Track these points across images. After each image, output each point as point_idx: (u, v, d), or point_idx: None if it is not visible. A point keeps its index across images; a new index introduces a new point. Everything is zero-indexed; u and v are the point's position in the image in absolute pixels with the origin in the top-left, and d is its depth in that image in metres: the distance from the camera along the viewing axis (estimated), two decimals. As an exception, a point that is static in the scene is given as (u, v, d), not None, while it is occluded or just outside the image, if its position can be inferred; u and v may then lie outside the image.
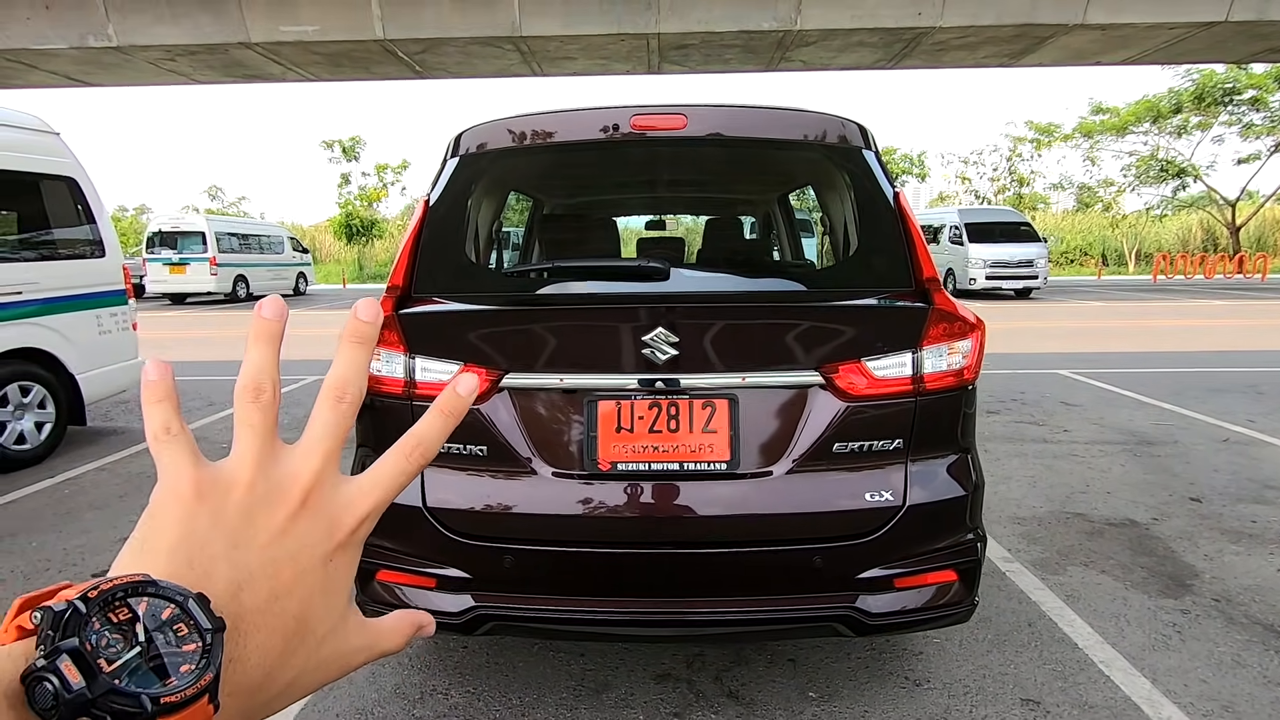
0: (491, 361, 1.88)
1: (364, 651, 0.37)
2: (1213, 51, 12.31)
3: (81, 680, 0.25)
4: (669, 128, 2.04)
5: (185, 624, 0.28)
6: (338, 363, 0.36)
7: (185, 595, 0.28)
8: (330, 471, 0.35)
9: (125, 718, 0.25)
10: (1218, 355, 8.47)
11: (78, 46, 10.99)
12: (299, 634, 0.33)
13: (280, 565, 0.32)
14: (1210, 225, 29.58)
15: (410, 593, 1.93)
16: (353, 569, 0.36)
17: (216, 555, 0.31)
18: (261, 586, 0.32)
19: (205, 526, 0.31)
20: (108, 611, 0.27)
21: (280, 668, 0.32)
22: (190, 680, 0.27)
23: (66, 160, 4.93)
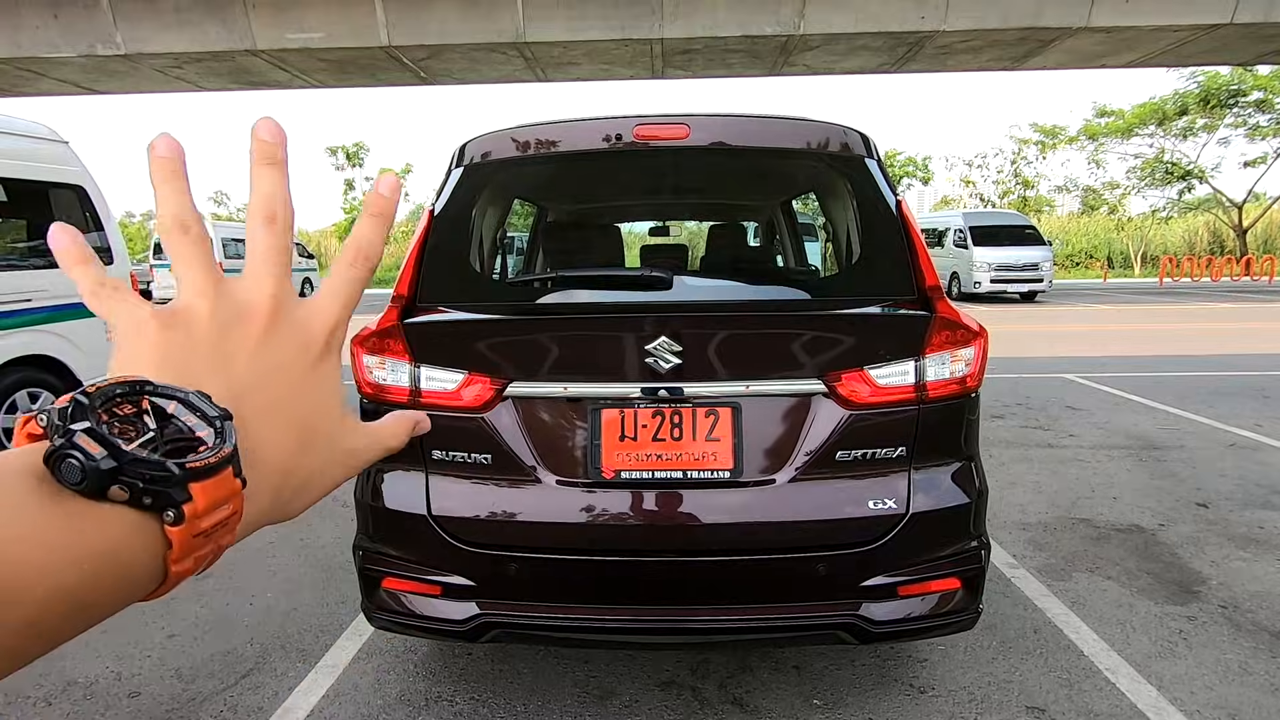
0: (496, 370, 1.89)
1: (371, 449, 0.39)
2: (1218, 53, 12.28)
3: (102, 450, 0.26)
4: (672, 137, 2.05)
5: (193, 414, 0.29)
6: (256, 186, 0.35)
7: (186, 391, 0.29)
8: (286, 292, 0.35)
9: (154, 483, 0.26)
10: (1224, 359, 8.43)
11: (86, 55, 11.09)
12: (304, 435, 0.35)
13: (269, 377, 0.34)
14: (1217, 228, 29.44)
15: (415, 600, 1.94)
16: (338, 374, 0.37)
17: (205, 370, 0.32)
18: (257, 397, 0.33)
19: (182, 349, 0.32)
20: (111, 405, 0.28)
21: (295, 462, 0.34)
22: (211, 452, 0.28)
23: (75, 169, 4.98)
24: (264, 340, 0.34)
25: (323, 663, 2.45)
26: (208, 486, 0.28)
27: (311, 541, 3.46)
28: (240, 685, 2.34)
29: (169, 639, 2.62)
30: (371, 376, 1.94)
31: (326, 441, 0.36)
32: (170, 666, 2.44)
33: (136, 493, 0.26)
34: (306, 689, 2.31)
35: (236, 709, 2.22)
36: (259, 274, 0.35)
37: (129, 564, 0.27)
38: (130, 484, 0.26)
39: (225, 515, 0.29)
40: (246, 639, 2.61)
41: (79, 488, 0.25)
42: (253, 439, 0.32)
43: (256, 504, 0.32)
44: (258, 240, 0.35)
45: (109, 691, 2.31)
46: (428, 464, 1.93)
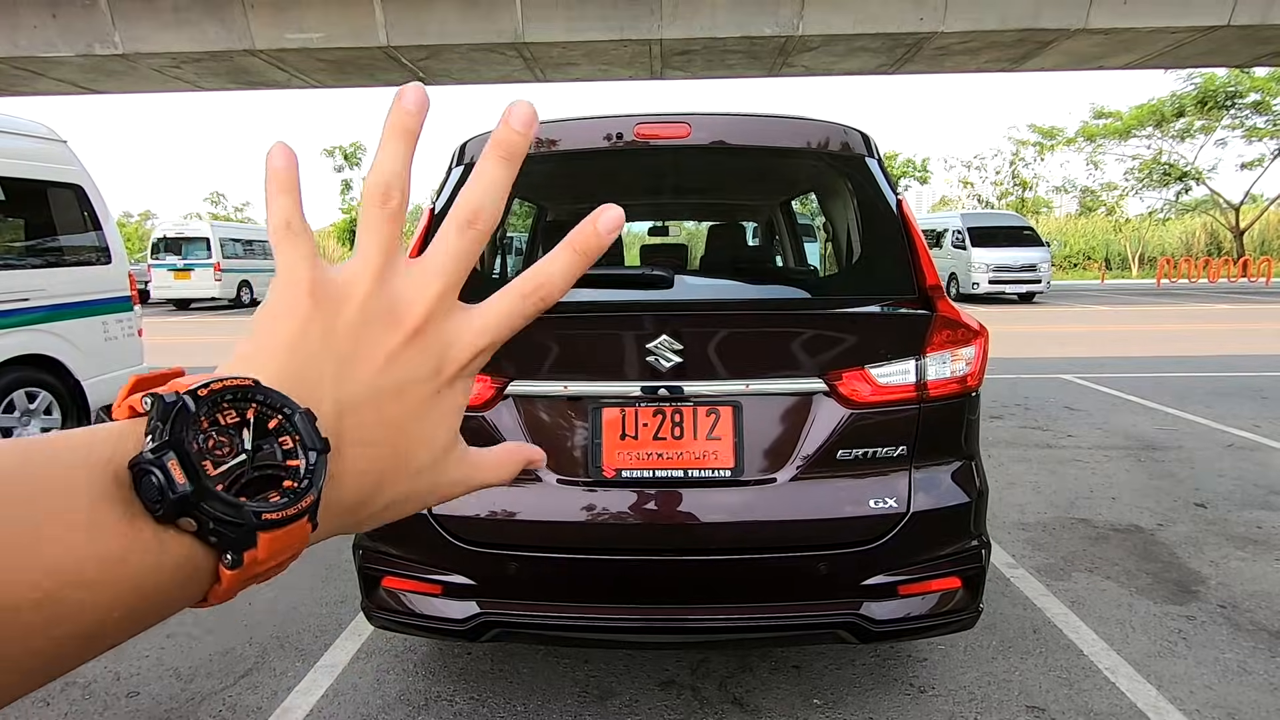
0: (496, 369, 1.89)
1: (463, 484, 0.35)
2: (1216, 55, 12.32)
3: (186, 482, 0.24)
4: (672, 136, 2.05)
5: (291, 438, 0.27)
6: (472, 182, 0.32)
7: (294, 409, 0.28)
8: (448, 300, 0.32)
9: (227, 525, 0.25)
10: (1222, 360, 8.45)
11: (84, 54, 11.07)
12: (397, 465, 0.32)
13: (385, 397, 0.31)
14: (1214, 229, 29.53)
15: (415, 599, 1.94)
16: (461, 403, 0.34)
17: (325, 373, 0.30)
18: (365, 415, 0.30)
19: (317, 340, 0.30)
20: (216, 412, 0.26)
21: (375, 494, 0.32)
22: (292, 499, 0.27)
23: (73, 168, 4.97)
24: (401, 350, 0.31)
25: (322, 662, 2.45)
26: (277, 537, 0.26)
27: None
28: (239, 685, 2.33)
29: (167, 638, 2.61)
30: None
31: (423, 471, 0.33)
32: (169, 666, 2.44)
33: (204, 529, 0.25)
34: (306, 688, 2.30)
35: (235, 709, 2.21)
36: (433, 272, 0.32)
37: (173, 589, 0.26)
38: (201, 520, 0.25)
39: (285, 560, 0.28)
40: (245, 638, 2.60)
41: (152, 509, 0.24)
42: (340, 468, 0.29)
43: (319, 531, 0.30)
44: (449, 240, 0.32)
45: (107, 691, 2.30)
46: None
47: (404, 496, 0.33)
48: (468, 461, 0.35)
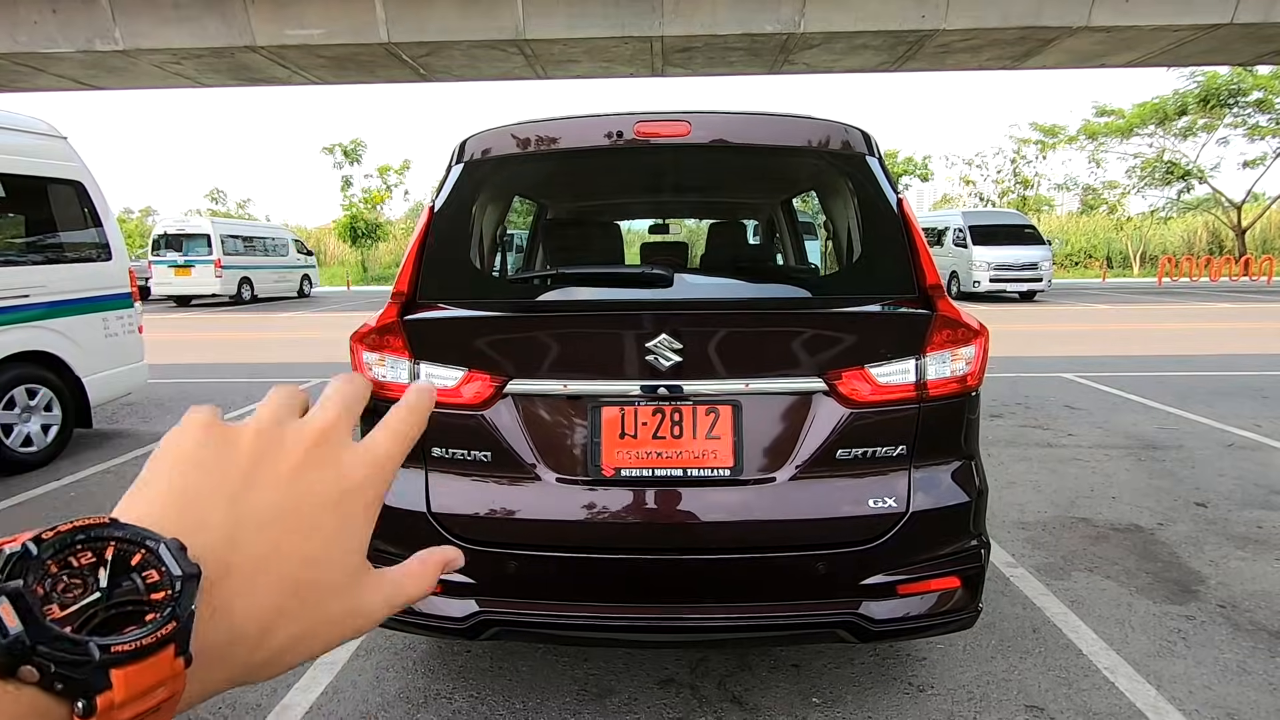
0: (496, 367, 1.88)
1: (384, 605, 0.34)
2: (1218, 54, 12.28)
3: (18, 625, 0.23)
4: (673, 135, 2.04)
5: (157, 570, 0.26)
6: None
7: (157, 540, 0.27)
8: (341, 427, 0.34)
9: (71, 666, 0.23)
10: (1223, 359, 8.44)
11: (84, 50, 11.06)
12: (299, 590, 0.31)
13: (285, 514, 0.31)
14: (1216, 228, 29.47)
15: (414, 597, 1.94)
16: (368, 524, 0.34)
17: (216, 502, 0.30)
18: (259, 538, 0.30)
19: (207, 471, 0.30)
20: (68, 555, 0.25)
21: (278, 623, 0.30)
22: (151, 629, 0.25)
23: (74, 164, 4.97)
24: (297, 469, 0.32)
25: (321, 659, 2.45)
26: (132, 674, 0.24)
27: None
28: (239, 682, 2.33)
29: (167, 636, 2.61)
30: (371, 373, 1.93)
31: (330, 597, 0.32)
32: (168, 663, 2.44)
33: (48, 676, 0.23)
34: (305, 685, 2.31)
35: (235, 706, 2.21)
36: (322, 408, 0.34)
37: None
38: (43, 665, 0.23)
39: (155, 702, 0.25)
40: (245, 636, 2.61)
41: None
42: (227, 596, 0.28)
43: (210, 674, 0.28)
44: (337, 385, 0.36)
45: (107, 688, 2.31)
46: (427, 461, 1.92)
47: (320, 623, 0.32)
48: (387, 581, 0.35)
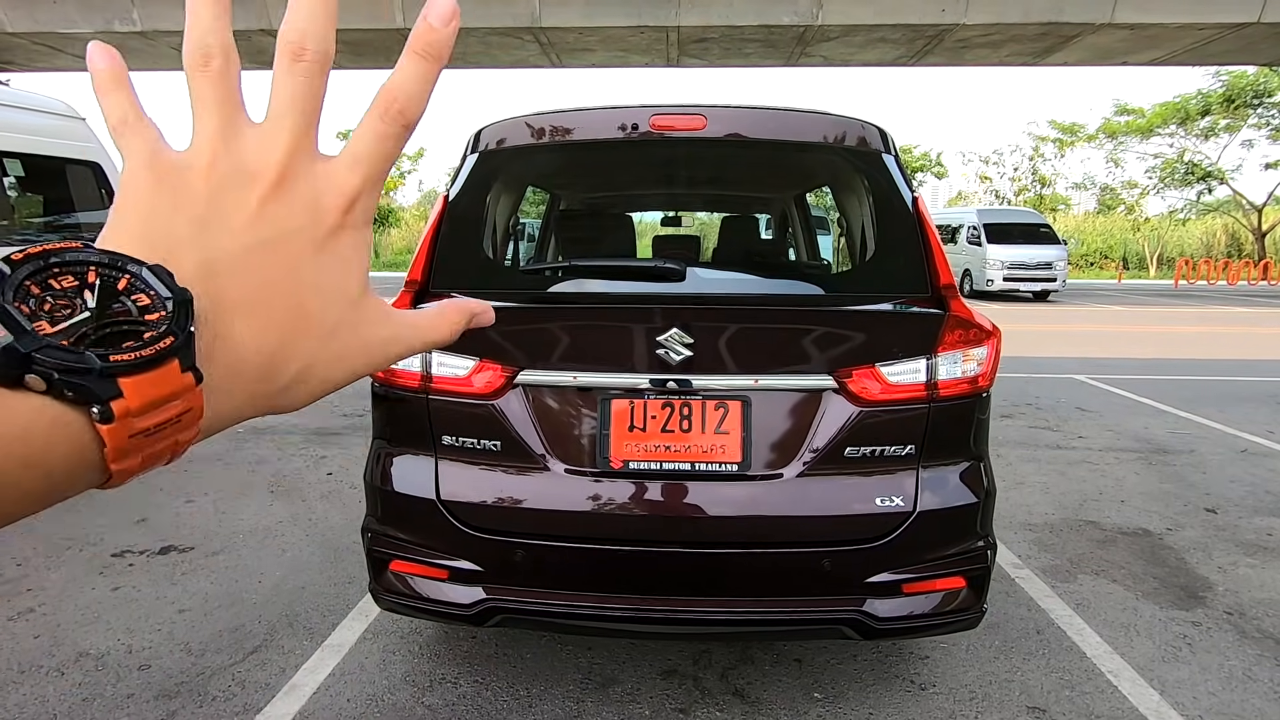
0: (507, 357, 1.89)
1: (398, 342, 0.34)
2: (1244, 53, 12.08)
3: (6, 334, 0.23)
4: (688, 128, 2.04)
5: (146, 294, 0.26)
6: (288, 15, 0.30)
7: (139, 264, 0.26)
8: (304, 148, 0.30)
9: (73, 374, 0.24)
10: (1239, 364, 8.35)
11: (103, 31, 11.11)
12: (299, 322, 0.30)
13: (262, 253, 0.29)
14: (1235, 230, 29.07)
15: (422, 583, 1.96)
16: (359, 255, 0.32)
17: (182, 239, 0.28)
18: (241, 275, 0.29)
19: (166, 209, 0.29)
20: (47, 277, 0.25)
21: (283, 352, 0.30)
22: (147, 344, 0.25)
23: (92, 145, 5.01)
24: (264, 207, 0.29)
25: (329, 641, 2.48)
26: (142, 382, 0.25)
27: (320, 521, 3.50)
28: (248, 661, 2.37)
29: (179, 614, 2.65)
30: None
31: (331, 330, 0.31)
32: (180, 640, 2.48)
33: (54, 383, 0.23)
34: (313, 667, 2.34)
35: (244, 684, 2.25)
36: (276, 126, 0.30)
37: (56, 455, 0.24)
38: (44, 374, 0.23)
39: (175, 413, 0.26)
40: (255, 616, 2.65)
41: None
42: (225, 324, 0.28)
43: (229, 397, 0.28)
44: (281, 83, 0.30)
45: (120, 664, 2.35)
46: (437, 449, 1.94)
47: (327, 358, 0.31)
48: (396, 320, 0.34)
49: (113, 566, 3.01)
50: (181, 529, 3.39)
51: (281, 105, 0.30)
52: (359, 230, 0.32)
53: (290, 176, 0.30)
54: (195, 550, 3.17)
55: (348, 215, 0.31)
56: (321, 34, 0.29)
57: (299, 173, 0.30)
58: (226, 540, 3.27)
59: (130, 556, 3.11)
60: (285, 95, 0.30)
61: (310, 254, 0.30)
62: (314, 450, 4.60)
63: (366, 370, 0.33)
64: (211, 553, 3.15)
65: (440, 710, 2.14)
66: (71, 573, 2.95)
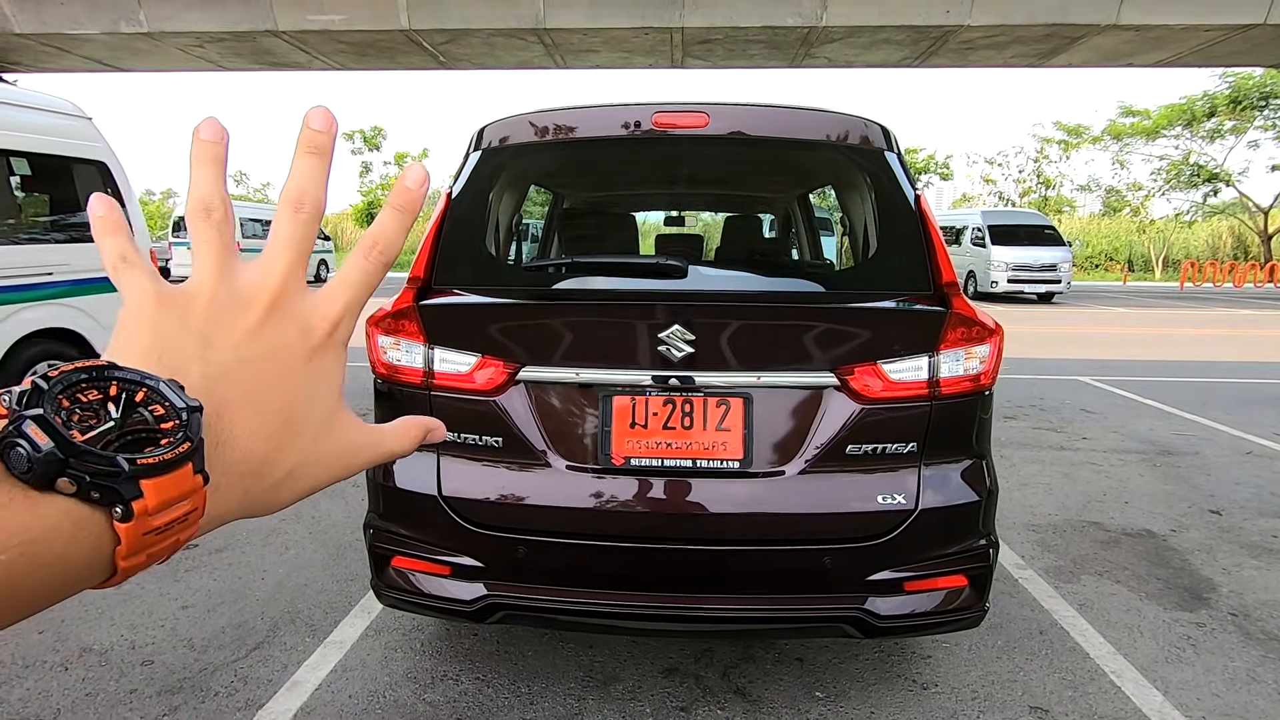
0: (509, 354, 1.90)
1: (368, 449, 0.38)
2: (1250, 55, 12.03)
3: (48, 441, 0.25)
4: (691, 126, 2.04)
5: (161, 405, 0.28)
6: (294, 173, 0.35)
7: (156, 380, 0.29)
8: (295, 281, 0.35)
9: (103, 477, 0.26)
10: (1244, 366, 8.31)
11: (110, 32, 11.17)
12: (289, 426, 0.33)
13: (257, 365, 0.33)
14: (1241, 232, 28.94)
15: (424, 579, 1.97)
16: (339, 369, 0.36)
17: (188, 355, 0.32)
18: (239, 384, 0.32)
19: (173, 331, 0.32)
20: (75, 391, 0.27)
21: (275, 454, 0.33)
22: (168, 448, 0.27)
23: (98, 144, 5.03)
24: (260, 326, 0.33)
25: (331, 638, 2.49)
26: (161, 484, 0.27)
27: (322, 519, 3.51)
28: (250, 657, 2.38)
29: (182, 610, 2.66)
30: (386, 357, 1.95)
31: (315, 436, 0.35)
32: (182, 636, 2.49)
33: (84, 486, 0.26)
34: (315, 663, 2.35)
35: (246, 680, 2.26)
36: (273, 258, 0.35)
37: (73, 555, 0.26)
38: (78, 477, 0.25)
39: (182, 512, 0.28)
40: (257, 612, 2.65)
41: (25, 477, 0.25)
42: (226, 430, 0.31)
43: (225, 498, 0.31)
44: (281, 226, 0.35)
45: (123, 659, 2.36)
46: (439, 445, 1.94)
47: (311, 460, 0.35)
48: (366, 429, 0.38)
49: (116, 563, 3.02)
50: (185, 526, 3.40)
51: (279, 244, 0.35)
52: (339, 349, 0.36)
53: (283, 302, 0.34)
54: (198, 547, 3.18)
55: (331, 335, 0.35)
56: (316, 193, 0.35)
57: (291, 298, 0.35)
58: (229, 537, 3.28)
59: (134, 553, 3.12)
60: (283, 236, 0.35)
61: (299, 365, 0.34)
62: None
63: (343, 473, 0.37)
64: (215, 550, 3.16)
65: (442, 707, 2.15)
66: (75, 569, 2.96)
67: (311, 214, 0.35)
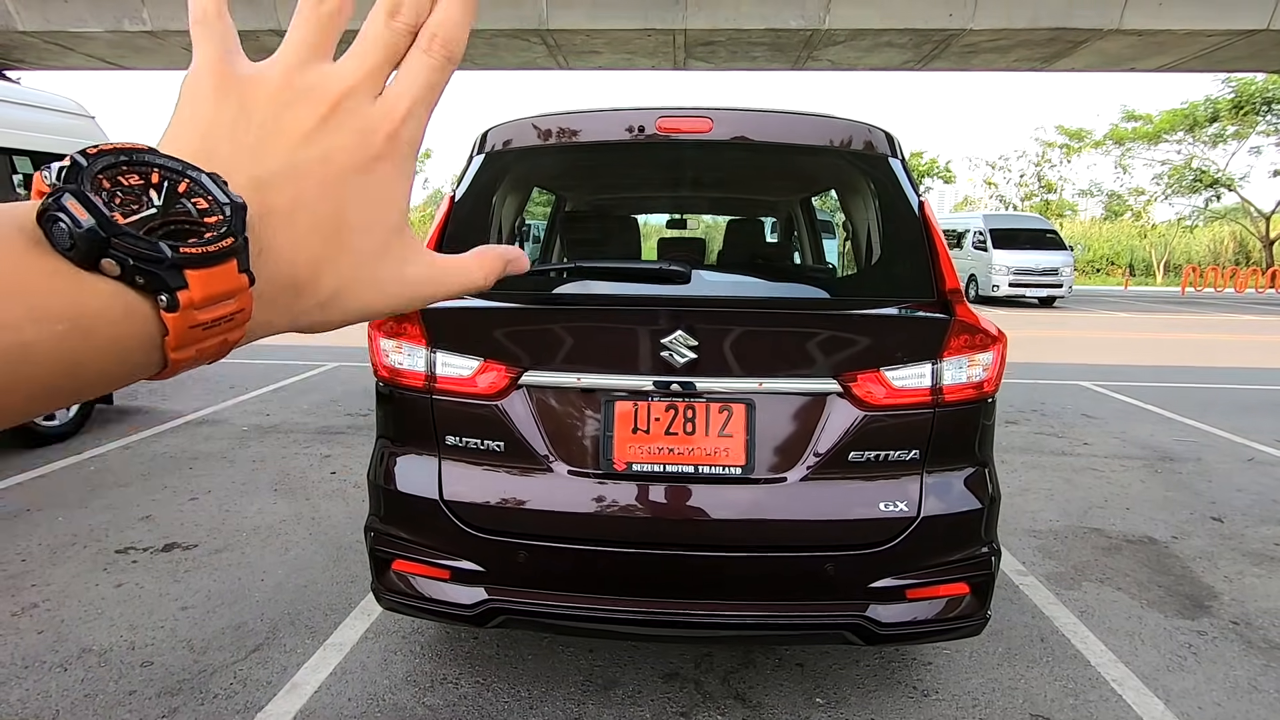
0: (511, 358, 1.90)
1: (432, 284, 0.35)
2: (1253, 60, 12.03)
3: (89, 217, 0.24)
4: (694, 131, 2.04)
5: (204, 199, 0.27)
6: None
7: (199, 171, 0.27)
8: (368, 83, 0.32)
9: (145, 261, 0.25)
10: (1245, 372, 8.31)
11: (113, 30, 11.19)
12: (335, 239, 0.31)
13: (308, 170, 0.31)
14: (1243, 238, 28.94)
15: (424, 583, 1.96)
16: (401, 184, 0.33)
17: (236, 154, 0.30)
18: (288, 187, 0.30)
19: (228, 124, 0.30)
20: (115, 173, 0.26)
21: (322, 267, 0.31)
22: (212, 240, 0.26)
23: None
24: (318, 127, 0.31)
25: (331, 640, 2.49)
26: (205, 277, 0.26)
27: (323, 520, 3.50)
28: (250, 659, 2.37)
29: (182, 610, 2.66)
30: (388, 360, 1.95)
31: (368, 255, 0.32)
32: (182, 638, 2.49)
33: (128, 270, 0.25)
34: (314, 665, 2.34)
35: (246, 682, 2.25)
36: (356, 55, 0.32)
37: (121, 337, 0.26)
38: (121, 259, 0.25)
39: (229, 310, 0.27)
40: (257, 614, 2.65)
41: (69, 254, 0.24)
42: (269, 237, 0.29)
43: (271, 305, 0.30)
44: (368, 30, 0.32)
45: (122, 660, 2.35)
46: (440, 449, 1.94)
47: (364, 281, 0.32)
48: (433, 260, 0.35)
49: (116, 563, 3.02)
50: (185, 526, 3.40)
51: (366, 43, 0.32)
52: (402, 160, 0.33)
53: (348, 102, 0.31)
54: (199, 548, 3.18)
55: (392, 141, 0.32)
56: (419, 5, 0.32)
57: (357, 100, 0.31)
58: (230, 538, 3.28)
59: (134, 553, 3.12)
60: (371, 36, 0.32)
61: (353, 173, 0.31)
62: (318, 449, 4.61)
63: (402, 304, 0.34)
64: (215, 550, 3.16)
65: (441, 711, 2.14)
66: (75, 569, 2.96)
67: (407, 23, 0.32)
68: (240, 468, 4.23)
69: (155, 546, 3.19)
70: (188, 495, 3.78)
